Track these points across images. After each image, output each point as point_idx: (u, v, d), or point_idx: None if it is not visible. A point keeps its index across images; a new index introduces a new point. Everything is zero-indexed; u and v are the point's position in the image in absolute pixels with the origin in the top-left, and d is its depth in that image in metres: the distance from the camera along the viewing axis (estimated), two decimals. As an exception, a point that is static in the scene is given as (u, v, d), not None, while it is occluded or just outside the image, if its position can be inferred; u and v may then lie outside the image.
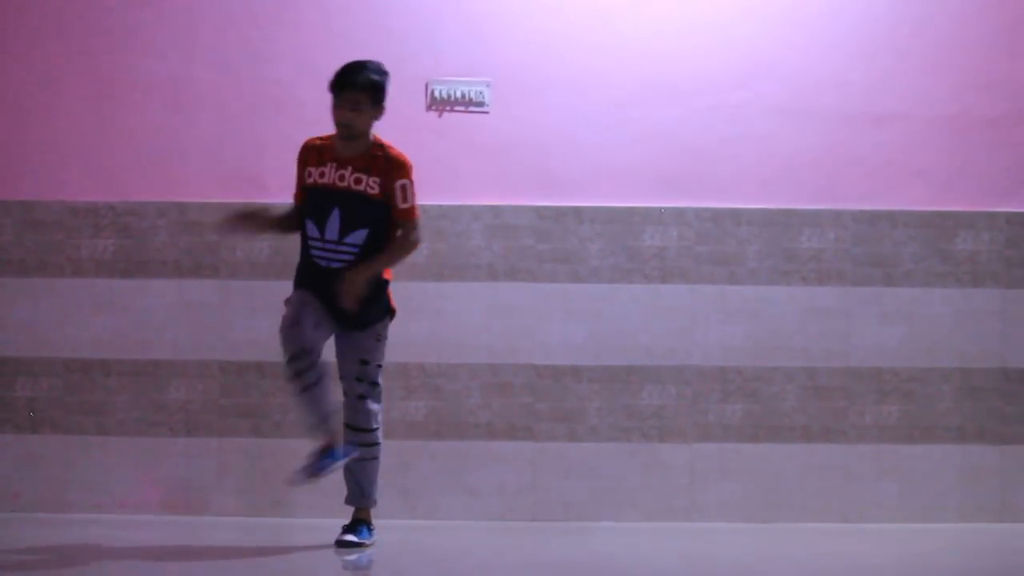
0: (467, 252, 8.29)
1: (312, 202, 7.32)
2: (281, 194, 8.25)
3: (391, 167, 7.28)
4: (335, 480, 7.89)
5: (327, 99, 8.32)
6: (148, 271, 8.27)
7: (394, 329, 7.55)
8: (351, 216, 7.25)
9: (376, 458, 7.43)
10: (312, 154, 7.38)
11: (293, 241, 8.25)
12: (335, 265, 7.26)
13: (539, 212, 8.32)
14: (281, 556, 7.16)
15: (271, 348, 8.21)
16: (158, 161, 8.30)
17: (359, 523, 7.45)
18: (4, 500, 8.23)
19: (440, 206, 8.27)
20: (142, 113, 8.30)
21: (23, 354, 8.25)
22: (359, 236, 7.26)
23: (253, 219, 7.44)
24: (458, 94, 8.31)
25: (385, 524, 7.64)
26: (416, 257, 8.26)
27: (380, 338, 7.40)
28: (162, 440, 8.24)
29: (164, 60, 8.30)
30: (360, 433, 7.37)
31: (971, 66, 8.39)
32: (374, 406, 7.38)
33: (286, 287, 7.41)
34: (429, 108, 8.32)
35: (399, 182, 7.27)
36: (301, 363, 7.13)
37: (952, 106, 8.39)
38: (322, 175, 7.32)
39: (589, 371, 8.29)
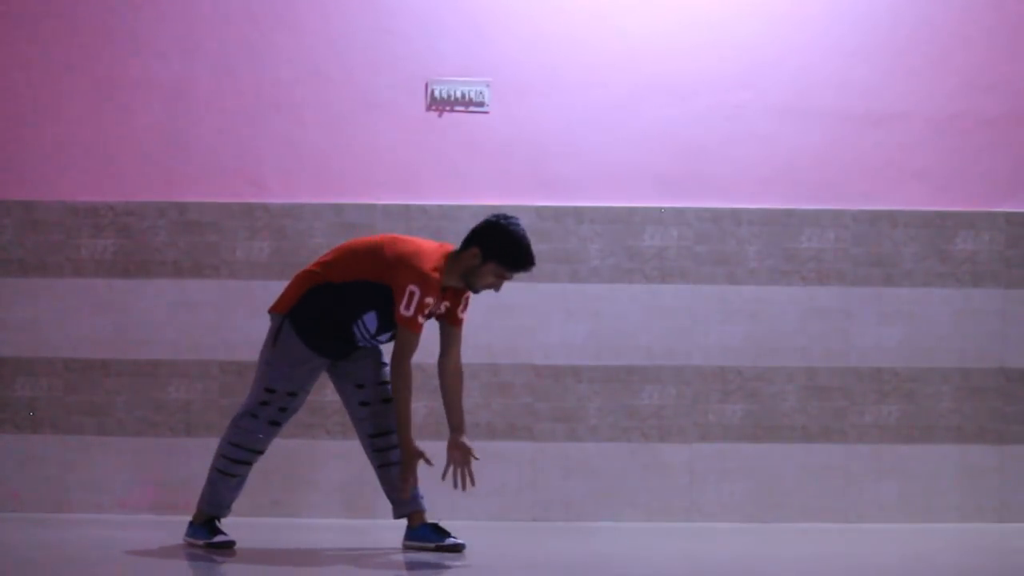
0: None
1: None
2: (281, 194, 8.26)
3: None
4: (334, 480, 7.90)
5: (326, 98, 8.34)
6: (148, 271, 8.27)
7: (394, 329, 7.55)
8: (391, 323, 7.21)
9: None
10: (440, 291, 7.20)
11: (292, 241, 8.26)
12: (364, 346, 7.26)
13: (539, 212, 8.32)
14: (281, 556, 7.16)
15: (271, 348, 8.21)
16: (158, 161, 8.30)
17: (421, 527, 7.31)
18: (4, 500, 8.23)
19: (440, 206, 8.27)
20: (142, 113, 8.31)
21: (23, 354, 8.25)
22: (385, 336, 7.23)
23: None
24: (458, 94, 8.31)
25: (385, 524, 7.64)
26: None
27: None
28: (162, 440, 8.24)
29: (164, 60, 8.31)
30: (391, 436, 7.26)
31: (971, 66, 8.39)
32: None
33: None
34: (429, 108, 8.32)
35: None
36: (250, 459, 7.20)
37: (952, 106, 8.39)
38: (436, 306, 7.21)
39: (589, 371, 8.29)
